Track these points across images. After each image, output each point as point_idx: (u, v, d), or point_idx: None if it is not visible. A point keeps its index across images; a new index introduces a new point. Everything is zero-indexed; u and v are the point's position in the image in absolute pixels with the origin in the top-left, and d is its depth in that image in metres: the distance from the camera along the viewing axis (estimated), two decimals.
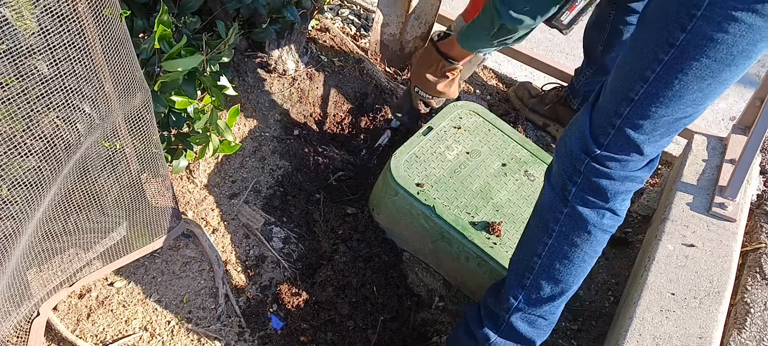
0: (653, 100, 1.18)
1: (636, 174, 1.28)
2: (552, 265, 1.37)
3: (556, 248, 1.36)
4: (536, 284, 1.40)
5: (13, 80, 0.99)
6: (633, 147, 1.24)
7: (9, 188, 1.06)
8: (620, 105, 1.21)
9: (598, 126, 1.26)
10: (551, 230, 1.36)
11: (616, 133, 1.23)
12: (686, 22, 1.09)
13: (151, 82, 1.46)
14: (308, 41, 2.33)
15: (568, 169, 1.31)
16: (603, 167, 1.27)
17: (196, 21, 1.61)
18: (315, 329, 1.66)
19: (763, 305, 1.68)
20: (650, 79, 1.16)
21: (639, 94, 1.18)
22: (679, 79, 1.14)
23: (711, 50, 1.09)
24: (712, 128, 2.49)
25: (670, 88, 1.15)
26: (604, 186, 1.28)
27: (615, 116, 1.23)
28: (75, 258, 1.44)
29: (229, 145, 1.72)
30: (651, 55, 1.15)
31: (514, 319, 1.43)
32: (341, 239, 1.83)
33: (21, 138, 1.04)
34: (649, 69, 1.16)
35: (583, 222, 1.32)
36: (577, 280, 1.38)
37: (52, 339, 1.51)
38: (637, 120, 1.20)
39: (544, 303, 1.41)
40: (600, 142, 1.26)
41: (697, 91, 1.15)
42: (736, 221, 1.75)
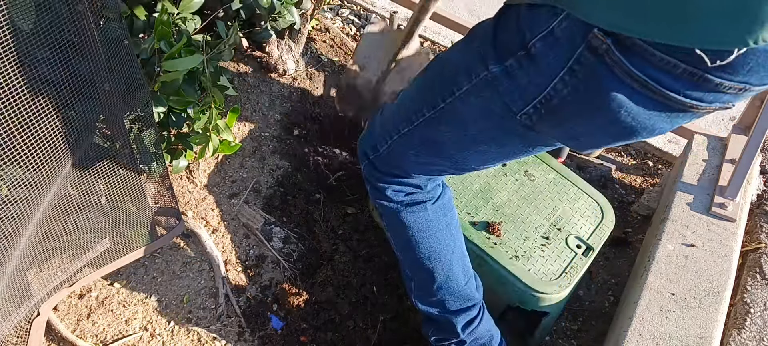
0: (414, 140, 1.29)
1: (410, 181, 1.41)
2: (404, 253, 1.48)
3: (394, 237, 1.48)
4: (412, 272, 1.50)
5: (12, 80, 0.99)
6: (399, 167, 1.37)
7: (9, 188, 1.06)
8: (392, 131, 1.34)
9: (378, 137, 1.38)
10: (383, 224, 1.50)
11: (388, 149, 1.36)
12: (446, 95, 1.18)
13: (151, 82, 1.46)
14: (308, 41, 2.33)
15: (362, 167, 1.47)
16: (376, 170, 1.42)
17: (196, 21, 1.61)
18: (315, 329, 1.66)
19: (763, 305, 1.68)
20: (414, 123, 1.27)
21: (404, 131, 1.30)
22: (434, 135, 1.25)
23: (460, 127, 1.19)
24: (712, 128, 2.49)
25: (427, 138, 1.26)
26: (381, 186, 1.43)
27: (389, 136, 1.35)
28: (75, 258, 1.44)
29: (229, 145, 1.72)
30: (419, 103, 1.26)
31: (422, 306, 1.51)
32: (341, 239, 1.83)
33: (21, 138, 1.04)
34: (415, 114, 1.26)
35: (389, 213, 1.44)
36: (436, 259, 1.45)
37: (52, 339, 1.51)
38: (403, 149, 1.33)
39: (430, 284, 1.47)
40: (377, 149, 1.39)
41: (452, 150, 1.25)
42: (736, 221, 1.75)
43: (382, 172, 1.41)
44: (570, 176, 1.90)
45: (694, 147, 1.97)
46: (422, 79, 1.29)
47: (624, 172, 2.25)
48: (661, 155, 2.31)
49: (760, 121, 1.71)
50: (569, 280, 1.64)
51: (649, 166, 2.28)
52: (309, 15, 2.20)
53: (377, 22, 2.10)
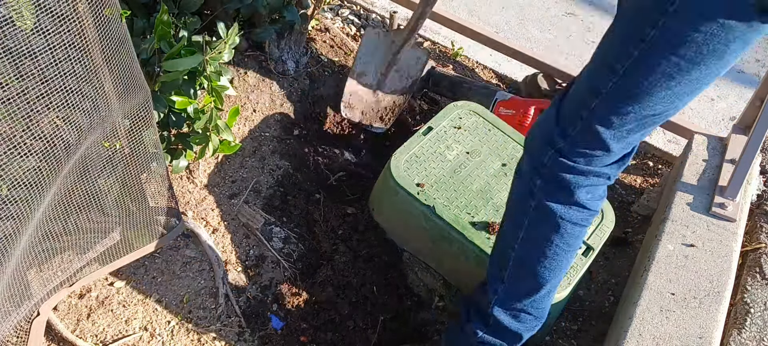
0: (621, 95, 1.15)
1: (602, 170, 1.26)
2: (526, 258, 1.37)
3: (528, 241, 1.35)
4: (513, 276, 1.40)
5: (13, 80, 0.99)
6: (599, 141, 1.21)
7: (9, 188, 1.06)
8: (589, 97, 1.19)
9: (566, 117, 1.24)
10: (522, 223, 1.34)
11: (583, 125, 1.21)
12: (657, 17, 1.07)
13: (151, 82, 1.46)
14: (308, 41, 2.33)
15: (535, 162, 1.30)
16: (567, 161, 1.25)
17: (196, 21, 1.61)
18: (315, 329, 1.66)
19: (763, 305, 1.68)
20: (620, 72, 1.14)
21: (607, 87, 1.16)
22: (648, 75, 1.12)
23: (680, 48, 1.07)
24: (712, 128, 2.49)
25: (638, 84, 1.13)
26: (568, 180, 1.26)
27: (583, 108, 1.20)
28: (75, 258, 1.44)
29: (229, 145, 1.72)
30: (621, 49, 1.13)
31: (497, 312, 1.43)
32: (341, 239, 1.83)
33: (21, 138, 1.04)
34: (618, 63, 1.14)
35: (550, 215, 1.30)
36: (554, 273, 1.37)
37: (52, 339, 1.51)
38: (605, 114, 1.18)
39: (523, 297, 1.41)
40: (566, 134, 1.24)
41: (666, 89, 1.13)
42: (736, 221, 1.75)
43: (574, 158, 1.24)
44: None
45: (694, 147, 1.97)
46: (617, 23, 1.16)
47: (624, 172, 2.25)
48: (661, 155, 2.31)
49: (760, 121, 1.71)
50: (569, 280, 1.64)
51: (649, 167, 2.28)
52: (309, 15, 2.20)
53: (374, 27, 2.12)
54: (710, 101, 2.64)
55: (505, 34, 2.78)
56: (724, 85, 2.72)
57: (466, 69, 2.56)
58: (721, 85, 2.72)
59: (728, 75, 2.77)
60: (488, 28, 2.70)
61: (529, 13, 2.93)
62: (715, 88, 2.70)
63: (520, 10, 2.93)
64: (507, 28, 2.83)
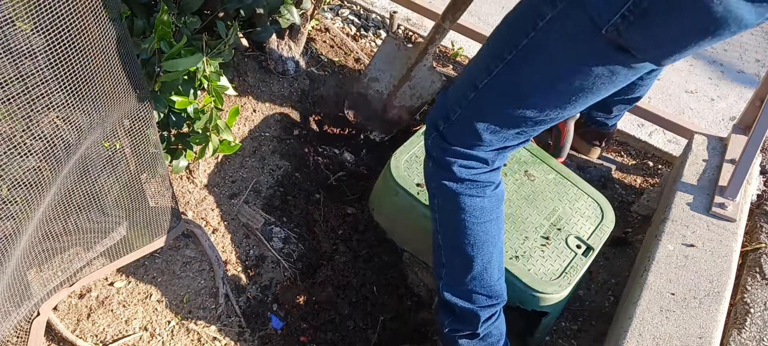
0: (493, 93, 1.25)
1: (480, 154, 1.36)
2: (448, 237, 1.45)
3: (442, 220, 1.45)
4: (448, 259, 1.47)
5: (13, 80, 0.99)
6: (473, 132, 1.31)
7: (9, 188, 1.06)
8: (468, 90, 1.29)
9: (450, 103, 1.34)
10: (433, 204, 1.46)
11: (461, 114, 1.32)
12: (529, 29, 1.16)
13: (151, 82, 1.46)
14: (308, 41, 2.33)
15: (427, 145, 1.42)
16: (446, 143, 1.36)
17: (196, 21, 1.61)
18: (315, 329, 1.66)
19: (763, 305, 1.68)
20: (493, 72, 1.24)
21: (483, 83, 1.26)
22: (516, 79, 1.21)
23: (544, 62, 1.17)
24: (712, 128, 2.49)
25: (508, 86, 1.23)
26: (448, 160, 1.37)
27: (463, 98, 1.31)
28: (75, 258, 1.44)
29: (229, 146, 1.72)
30: (499, 50, 1.23)
31: (448, 296, 1.48)
32: (341, 239, 1.83)
33: (21, 138, 1.04)
34: (493, 63, 1.23)
35: (448, 192, 1.40)
36: (479, 248, 1.43)
37: (52, 339, 1.51)
38: (479, 107, 1.29)
39: (463, 275, 1.45)
40: (448, 119, 1.34)
41: (534, 95, 1.22)
42: (736, 221, 1.75)
43: (452, 142, 1.36)
44: (570, 176, 1.90)
45: (694, 147, 1.97)
46: (498, 27, 1.27)
47: (624, 172, 2.25)
48: (661, 155, 2.31)
49: (760, 121, 1.71)
50: (569, 280, 1.64)
51: (649, 167, 2.28)
52: (309, 15, 2.20)
53: (393, 38, 2.13)
54: (710, 101, 2.64)
55: None
56: (724, 85, 2.72)
57: None
58: (721, 85, 2.72)
59: (728, 75, 2.77)
60: (488, 28, 2.70)
61: None
62: (715, 88, 2.70)
63: None
64: None
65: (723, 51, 2.90)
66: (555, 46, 1.14)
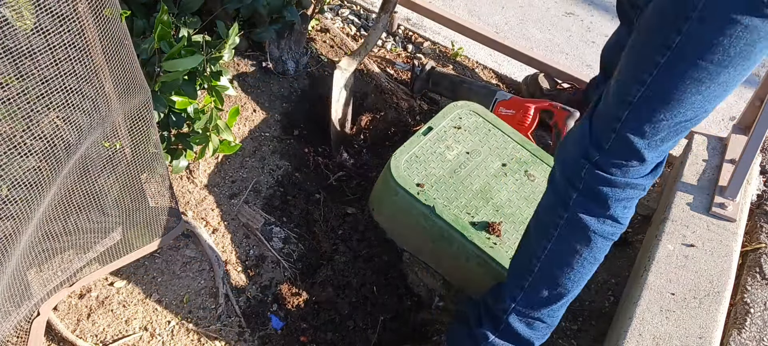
0: (651, 104, 1.16)
1: (638, 181, 1.26)
2: (551, 269, 1.36)
3: (556, 252, 1.35)
4: (534, 286, 1.39)
5: (13, 80, 0.99)
6: (634, 152, 1.22)
7: (9, 188, 1.06)
8: (619, 108, 1.19)
9: (599, 130, 1.24)
10: (551, 234, 1.34)
11: (617, 137, 1.21)
12: (681, 24, 1.08)
13: (151, 82, 1.46)
14: (308, 41, 2.33)
15: (570, 175, 1.30)
16: (604, 173, 1.25)
17: (196, 21, 1.61)
18: (315, 329, 1.66)
19: (763, 305, 1.68)
20: (647, 82, 1.14)
21: (637, 97, 1.16)
22: (676, 81, 1.12)
23: (707, 52, 1.07)
24: (712, 128, 2.49)
25: (667, 91, 1.14)
26: (606, 193, 1.26)
27: (615, 120, 1.21)
28: (75, 258, 1.44)
29: (229, 146, 1.72)
30: (647, 58, 1.13)
31: (512, 320, 1.43)
32: (341, 239, 1.83)
33: (21, 138, 1.04)
34: (646, 72, 1.14)
35: (583, 228, 1.30)
36: (577, 285, 1.38)
37: (52, 339, 1.51)
38: (637, 124, 1.18)
39: (542, 306, 1.41)
40: (601, 147, 1.24)
41: (696, 93, 1.13)
42: (736, 221, 1.75)
43: (610, 170, 1.24)
44: None
45: (694, 147, 1.97)
46: (641, 32, 1.17)
47: None
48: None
49: (760, 121, 1.71)
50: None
51: None
52: (309, 15, 2.20)
53: (345, 63, 2.15)
54: None
55: (505, 34, 2.78)
56: None
57: (466, 69, 2.56)
58: None
59: None
60: (488, 28, 2.70)
61: (529, 13, 2.93)
62: None
63: (520, 10, 2.93)
64: (507, 28, 2.83)
65: None
66: (713, 30, 1.05)
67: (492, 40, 2.39)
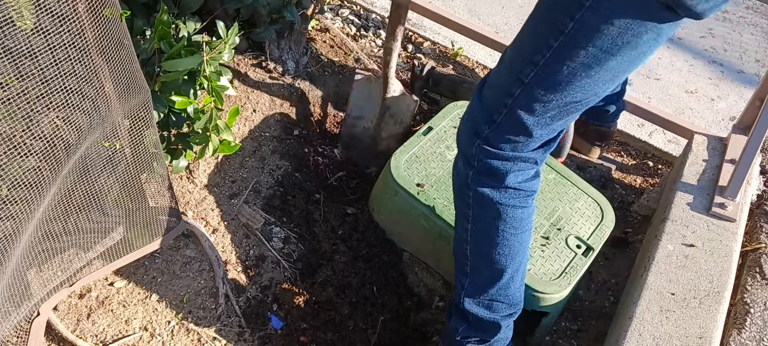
0: (542, 84, 1.21)
1: (529, 155, 1.31)
2: (480, 247, 1.41)
3: (477, 231, 1.40)
4: (475, 268, 1.44)
5: (13, 80, 0.99)
6: (523, 128, 1.26)
7: (9, 188, 1.06)
8: (512, 86, 1.24)
9: (490, 106, 1.29)
10: (467, 215, 1.40)
11: (508, 113, 1.26)
12: (575, 11, 1.13)
13: (151, 82, 1.46)
14: (308, 41, 2.33)
15: (465, 154, 1.36)
16: (493, 148, 1.30)
17: (196, 21, 1.61)
18: (315, 329, 1.66)
19: (763, 305, 1.68)
20: (540, 63, 1.19)
21: (529, 77, 1.21)
22: (567, 65, 1.17)
23: (597, 40, 1.13)
24: (712, 128, 2.49)
25: (558, 73, 1.19)
26: (497, 166, 1.32)
27: (507, 96, 1.26)
28: (75, 258, 1.44)
29: (229, 146, 1.72)
30: (542, 40, 1.19)
31: (469, 305, 1.46)
32: (341, 239, 1.83)
33: (21, 138, 1.04)
34: (538, 53, 1.19)
35: (489, 202, 1.35)
36: (511, 258, 1.40)
37: (52, 339, 1.52)
38: (528, 102, 1.24)
39: (489, 286, 1.44)
40: (492, 120, 1.29)
41: (585, 77, 1.18)
42: (736, 221, 1.75)
43: (499, 145, 1.30)
44: (570, 176, 1.90)
45: (694, 147, 1.97)
46: (537, 13, 1.22)
47: (624, 172, 2.25)
48: (661, 155, 2.31)
49: (760, 121, 1.71)
50: (569, 280, 1.64)
51: (649, 167, 2.28)
52: (309, 15, 2.20)
53: (363, 74, 2.13)
54: (710, 101, 2.64)
55: (505, 34, 2.78)
56: (724, 85, 2.72)
57: (466, 69, 2.56)
58: (721, 85, 2.72)
59: (728, 75, 2.77)
60: (488, 28, 2.70)
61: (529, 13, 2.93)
62: (715, 88, 2.70)
63: (520, 10, 2.93)
64: (507, 28, 2.83)
65: (723, 51, 2.90)
66: (607, 17, 1.11)
67: (492, 40, 2.39)
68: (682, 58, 2.82)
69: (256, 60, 2.14)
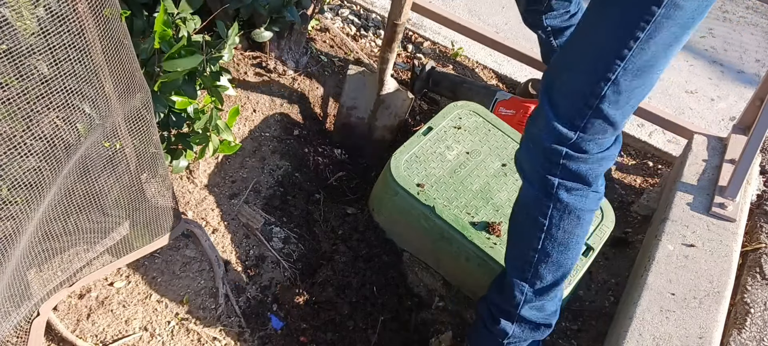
0: (629, 75, 1.21)
1: (608, 153, 1.32)
2: (549, 254, 1.40)
3: (550, 238, 1.39)
4: (537, 274, 1.43)
5: (13, 80, 0.99)
6: (609, 123, 1.26)
7: (9, 189, 1.06)
8: (597, 85, 1.22)
9: (572, 111, 1.26)
10: (542, 224, 1.37)
11: (594, 113, 1.25)
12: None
13: (151, 82, 1.46)
14: (308, 41, 2.33)
15: (545, 164, 1.32)
16: (580, 153, 1.29)
17: (196, 21, 1.60)
18: (315, 329, 1.66)
19: (763, 305, 1.68)
20: (627, 56, 1.19)
21: (617, 72, 1.20)
22: (653, 50, 1.18)
23: (679, 17, 1.14)
24: (712, 128, 2.49)
25: (644, 61, 1.19)
26: (584, 171, 1.31)
27: (591, 97, 1.23)
28: (75, 258, 1.44)
29: (229, 146, 1.72)
30: (627, 32, 1.17)
31: (525, 312, 1.47)
32: (341, 239, 1.83)
33: (21, 138, 1.04)
34: (625, 47, 1.18)
35: (571, 211, 1.35)
36: (575, 259, 1.43)
37: (52, 339, 1.52)
38: (615, 96, 1.23)
39: (548, 290, 1.45)
40: (576, 126, 1.26)
41: (665, 57, 1.20)
42: (736, 221, 1.75)
43: (587, 147, 1.28)
44: None
45: (694, 147, 1.97)
46: (608, 11, 1.21)
47: (624, 172, 2.25)
48: (661, 155, 2.31)
49: (760, 121, 1.71)
50: (569, 280, 1.64)
51: (649, 167, 2.28)
52: (309, 15, 2.20)
53: (356, 69, 2.14)
54: (710, 101, 2.64)
55: (505, 34, 2.78)
56: (724, 85, 2.72)
57: (466, 69, 2.56)
58: (721, 85, 2.72)
59: (728, 75, 2.77)
60: (488, 28, 2.70)
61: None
62: (715, 88, 2.70)
63: None
64: (507, 28, 2.83)
65: (723, 51, 2.90)
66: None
67: (492, 40, 2.39)
68: (682, 58, 2.82)
69: (256, 60, 2.14)
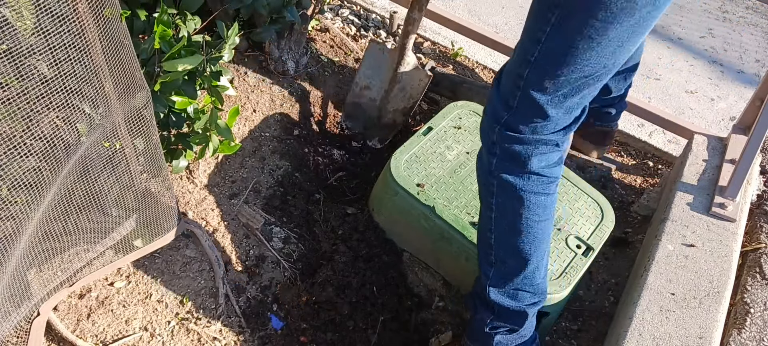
0: (548, 60, 1.22)
1: (549, 137, 1.32)
2: (504, 237, 1.42)
3: (501, 220, 1.41)
4: (500, 258, 1.45)
5: (13, 80, 0.99)
6: (538, 108, 1.28)
7: (9, 189, 1.06)
8: (522, 67, 1.26)
9: (506, 90, 1.31)
10: (491, 203, 1.41)
11: (522, 95, 1.28)
12: None
13: (151, 82, 1.46)
14: (308, 41, 2.33)
15: (487, 141, 1.37)
16: (513, 133, 1.31)
17: (196, 21, 1.61)
18: (315, 329, 1.66)
19: (763, 305, 1.68)
20: (542, 40, 1.21)
21: (535, 55, 1.23)
22: (567, 38, 1.18)
23: (592, 9, 1.14)
24: (712, 128, 2.49)
25: (561, 48, 1.20)
26: (518, 151, 1.33)
27: (519, 78, 1.27)
28: (75, 258, 1.44)
29: (229, 146, 1.72)
30: (541, 16, 1.20)
31: (494, 295, 1.47)
32: (341, 239, 1.83)
33: (21, 138, 1.04)
34: (540, 30, 1.21)
35: (512, 190, 1.36)
36: (535, 246, 1.41)
37: (52, 339, 1.52)
38: (538, 80, 1.25)
39: (514, 275, 1.45)
40: (509, 106, 1.30)
41: (588, 49, 1.19)
42: (736, 221, 1.75)
43: (519, 129, 1.31)
44: (570, 176, 1.90)
45: (694, 147, 1.97)
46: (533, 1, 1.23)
47: (624, 172, 2.25)
48: (661, 155, 2.31)
49: (760, 121, 1.71)
50: (569, 280, 1.64)
51: (649, 167, 2.28)
52: (309, 15, 2.20)
53: (376, 43, 2.12)
54: (710, 101, 2.64)
55: (505, 34, 2.78)
56: (724, 85, 2.72)
57: (466, 69, 2.56)
58: (721, 85, 2.72)
59: (728, 75, 2.77)
60: (488, 28, 2.70)
61: None
62: (715, 88, 2.70)
63: (520, 10, 2.93)
64: (507, 28, 2.83)
65: (723, 51, 2.90)
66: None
67: (492, 40, 2.39)
68: (682, 58, 2.82)
69: (256, 60, 2.14)
